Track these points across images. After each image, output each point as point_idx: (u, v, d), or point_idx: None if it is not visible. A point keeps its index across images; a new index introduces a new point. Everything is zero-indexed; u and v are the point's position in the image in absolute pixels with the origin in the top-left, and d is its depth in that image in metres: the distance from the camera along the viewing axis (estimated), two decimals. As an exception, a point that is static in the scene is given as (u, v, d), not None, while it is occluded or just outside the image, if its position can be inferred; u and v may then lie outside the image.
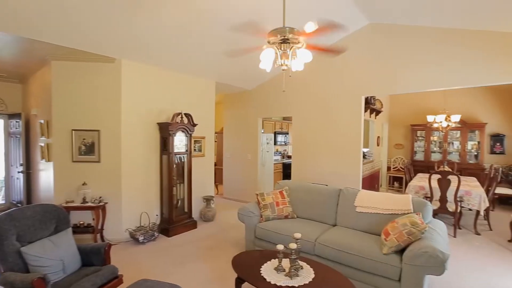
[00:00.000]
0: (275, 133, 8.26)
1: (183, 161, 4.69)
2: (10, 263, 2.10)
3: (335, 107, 5.17)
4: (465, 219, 5.19)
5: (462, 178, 5.71)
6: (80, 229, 3.79)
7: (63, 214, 2.51)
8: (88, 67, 3.92)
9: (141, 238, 3.93)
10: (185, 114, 4.60)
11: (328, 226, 3.36)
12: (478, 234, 4.53)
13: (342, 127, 5.08)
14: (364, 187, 6.26)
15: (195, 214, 5.06)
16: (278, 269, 2.31)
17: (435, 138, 7.78)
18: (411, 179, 5.93)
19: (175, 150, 4.46)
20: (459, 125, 7.11)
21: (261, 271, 2.31)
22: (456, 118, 5.87)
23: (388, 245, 2.51)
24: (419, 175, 6.18)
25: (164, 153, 4.47)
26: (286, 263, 2.31)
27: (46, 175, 4.25)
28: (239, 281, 2.46)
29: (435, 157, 7.75)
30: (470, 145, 7.32)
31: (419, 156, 8.02)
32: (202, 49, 4.22)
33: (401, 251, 2.49)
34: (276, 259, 2.38)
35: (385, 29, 4.57)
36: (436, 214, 5.09)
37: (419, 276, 2.31)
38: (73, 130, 3.91)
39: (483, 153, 7.13)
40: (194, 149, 5.14)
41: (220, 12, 3.41)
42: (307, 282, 2.14)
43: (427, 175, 4.84)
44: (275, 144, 8.33)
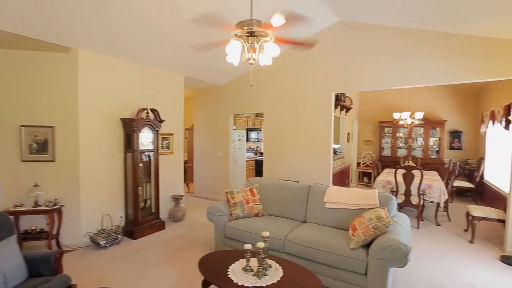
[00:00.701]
0: (248, 130, 8.18)
1: (150, 159, 4.47)
2: None
3: (306, 104, 5.18)
4: (427, 211, 5.46)
5: (425, 173, 6.00)
6: (32, 236, 3.46)
7: (6, 220, 2.25)
8: (39, 57, 3.56)
9: (103, 242, 3.68)
10: (151, 110, 4.37)
11: (298, 223, 3.34)
12: (439, 225, 4.78)
13: (313, 124, 5.12)
14: (335, 183, 6.38)
15: (164, 214, 4.85)
16: (246, 269, 2.23)
17: (401, 135, 8.14)
18: (379, 174, 6.13)
19: (141, 148, 4.23)
20: (422, 122, 7.48)
21: (229, 272, 2.22)
22: (420, 116, 6.15)
23: (355, 240, 2.53)
24: (386, 170, 6.42)
25: (129, 151, 4.22)
26: (255, 263, 2.23)
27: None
28: (206, 284, 2.36)
29: (401, 153, 8.10)
30: (432, 141, 7.74)
31: (387, 152, 8.35)
32: (168, 42, 4.02)
33: (368, 245, 2.52)
34: (245, 259, 2.30)
35: (354, 27, 4.64)
36: (401, 207, 5.32)
37: (384, 269, 2.35)
38: (22, 126, 3.54)
39: (443, 149, 7.57)
40: (162, 147, 4.92)
41: (183, 3, 3.24)
42: (275, 281, 2.09)
43: (394, 170, 5.01)
44: (248, 141, 8.26)
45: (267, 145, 5.71)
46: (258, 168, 8.02)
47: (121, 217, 4.28)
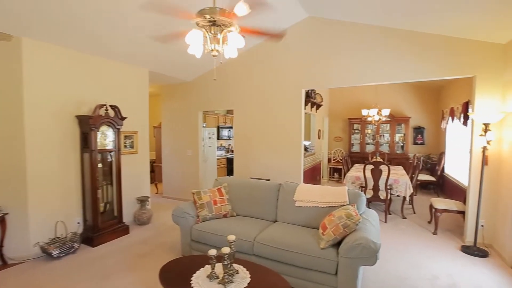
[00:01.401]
0: (219, 127, 7.98)
1: (111, 159, 4.14)
2: None
3: (277, 100, 5.10)
4: (394, 204, 5.63)
5: (391, 168, 6.20)
6: (-32, 249, 3.05)
7: None
8: (-25, 46, 3.13)
9: (56, 253, 3.33)
10: (111, 106, 4.05)
11: (268, 223, 3.24)
12: (405, 218, 4.93)
13: (284, 121, 5.05)
14: (307, 179, 6.40)
15: (128, 218, 4.55)
16: (211, 277, 2.08)
17: (369, 131, 8.37)
18: (349, 170, 6.23)
19: (100, 147, 3.90)
20: (389, 119, 7.74)
21: (192, 281, 2.06)
22: (386, 112, 6.33)
23: (325, 239, 2.47)
24: (356, 166, 6.54)
25: (86, 151, 3.87)
26: (221, 269, 2.09)
27: None
28: (168, 294, 2.17)
29: (369, 149, 8.34)
30: (398, 137, 8.04)
31: (356, 148, 8.55)
32: (126, 33, 3.72)
33: (338, 244, 2.47)
34: (210, 266, 2.15)
35: (324, 23, 4.62)
36: (370, 202, 5.44)
37: (354, 268, 2.31)
38: (-46, 125, 3.10)
39: (408, 144, 7.89)
40: (125, 146, 4.60)
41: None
42: (242, 288, 1.96)
43: (363, 166, 5.09)
44: (219, 139, 8.06)
45: (238, 143, 5.57)
46: (230, 166, 7.86)
47: (79, 223, 3.93)
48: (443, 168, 6.63)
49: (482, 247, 3.63)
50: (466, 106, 4.88)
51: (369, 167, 4.76)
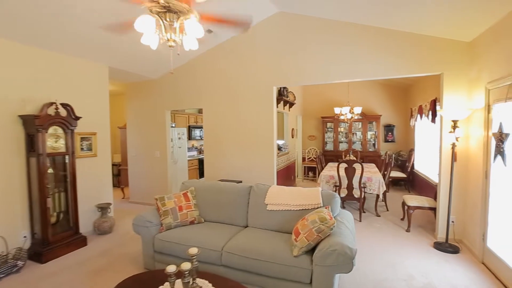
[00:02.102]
0: (190, 127, 7.63)
1: (64, 164, 3.72)
2: None
3: (248, 98, 4.89)
4: (368, 202, 5.64)
5: (364, 166, 6.22)
6: None
7: None
8: None
9: (-6, 273, 2.89)
10: (63, 105, 3.62)
11: (239, 229, 3.02)
12: (378, 216, 4.92)
13: (255, 119, 4.85)
14: (281, 179, 6.26)
15: (87, 228, 4.14)
16: (171, 297, 1.82)
17: (342, 129, 8.41)
18: (323, 169, 6.17)
19: (49, 151, 3.47)
20: (360, 117, 7.81)
21: (148, 303, 1.79)
22: (358, 110, 6.34)
23: (299, 246, 2.29)
24: (330, 164, 6.50)
25: (32, 155, 3.42)
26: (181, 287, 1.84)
27: None
28: (121, 319, 1.88)
29: (343, 147, 8.38)
30: (369, 135, 8.14)
31: (329, 147, 8.56)
32: (72, 21, 3.31)
33: (312, 250, 2.30)
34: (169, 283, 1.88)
35: (294, 19, 4.47)
36: (344, 201, 5.40)
37: (330, 276, 2.15)
38: None
39: (379, 142, 8.01)
40: (82, 148, 4.16)
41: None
42: (206, 308, 1.72)
43: (336, 164, 5.02)
44: (190, 139, 7.72)
45: (208, 143, 5.29)
46: (203, 168, 7.47)
47: (25, 237, 3.47)
48: (413, 165, 6.77)
49: (453, 243, 3.65)
50: (434, 104, 4.96)
51: (343, 166, 4.68)
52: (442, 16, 3.30)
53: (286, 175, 6.73)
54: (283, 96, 5.91)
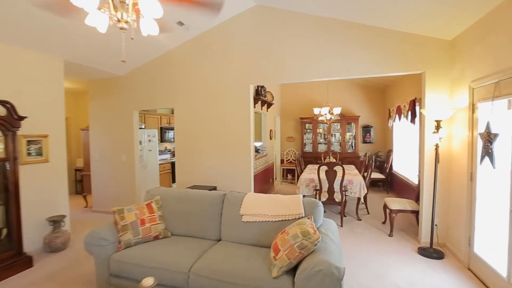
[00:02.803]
0: (162, 129, 7.13)
1: (4, 172, 3.16)
2: None
3: (222, 97, 4.54)
4: (348, 205, 5.47)
5: (345, 167, 6.07)
6: None
7: None
8: None
9: None
10: (1, 102, 3.08)
11: (211, 243, 2.65)
12: (360, 220, 4.74)
13: (231, 120, 4.50)
14: (259, 183, 5.94)
15: (35, 245, 3.59)
16: None
17: (321, 130, 8.25)
18: (302, 171, 5.93)
19: (-16, 157, 2.92)
20: (339, 118, 7.70)
21: None
22: (338, 111, 6.18)
23: (278, 265, 1.97)
24: (309, 167, 6.28)
25: (-39, 162, 2.86)
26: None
27: None
28: None
29: (322, 148, 8.23)
30: (348, 136, 8.05)
31: (308, 148, 8.37)
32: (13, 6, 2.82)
33: (294, 269, 1.99)
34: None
35: (273, 14, 4.20)
36: (325, 205, 5.18)
37: (314, 299, 1.85)
38: None
39: (358, 143, 7.93)
40: (29, 153, 3.61)
41: None
42: None
43: (316, 166, 4.79)
44: (163, 141, 7.22)
45: (180, 146, 4.87)
46: (176, 172, 7.06)
47: (-47, 261, 2.89)
48: (391, 166, 6.72)
49: (437, 247, 3.51)
50: (413, 104, 4.86)
51: (324, 169, 4.45)
52: (422, 13, 3.18)
53: (264, 179, 6.43)
54: (261, 96, 5.61)
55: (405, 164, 5.86)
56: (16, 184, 3.22)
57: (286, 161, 8.47)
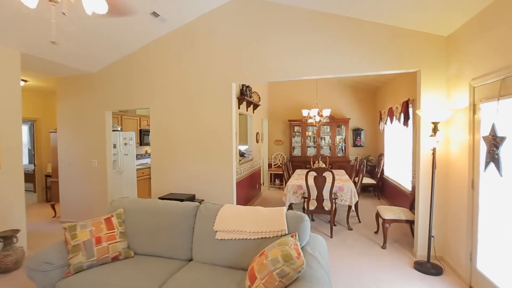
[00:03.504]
0: (141, 131, 6.68)
1: None
2: None
3: (202, 97, 4.16)
4: (339, 213, 5.13)
5: (335, 173, 5.74)
6: None
7: None
8: None
9: None
10: None
11: (180, 265, 2.26)
12: (351, 229, 4.42)
13: (211, 121, 4.12)
14: (244, 189, 5.57)
15: (-19, 265, 3.10)
16: None
17: (310, 134, 7.95)
18: (290, 177, 5.59)
19: None
20: (329, 121, 7.42)
21: None
22: (327, 113, 5.87)
23: (254, 298, 1.60)
24: (297, 172, 5.95)
25: None
26: None
27: None
28: None
29: (311, 152, 7.91)
30: (338, 139, 7.76)
31: (297, 152, 8.04)
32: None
33: (273, 301, 1.62)
34: None
35: (257, 6, 3.87)
36: (313, 214, 4.85)
37: None
38: None
39: (348, 146, 7.66)
40: (-25, 159, 3.14)
41: None
42: None
43: (305, 172, 4.45)
44: (142, 145, 6.76)
45: (156, 150, 4.45)
46: (156, 178, 6.60)
47: None
48: (383, 170, 6.46)
49: (435, 261, 3.21)
50: (406, 106, 4.60)
51: (312, 175, 4.12)
52: (416, 6, 2.92)
53: (250, 184, 6.06)
54: (246, 96, 5.25)
55: (397, 169, 5.60)
56: (-46, 195, 2.76)
57: (274, 166, 8.12)
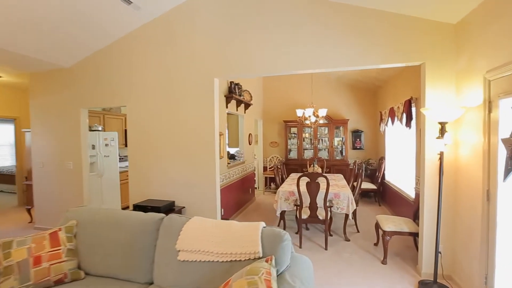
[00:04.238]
0: (126, 132, 6.28)
1: None
2: None
3: (183, 93, 3.77)
4: (336, 221, 4.76)
5: (331, 177, 5.32)
6: None
7: None
8: None
9: None
10: None
11: (136, 290, 1.87)
12: (348, 240, 4.02)
13: (192, 120, 3.74)
14: (235, 193, 5.18)
15: None
16: None
17: (307, 135, 7.54)
18: (283, 181, 5.19)
19: None
20: (326, 122, 7.03)
21: None
22: (323, 113, 5.47)
23: None
24: (292, 176, 5.55)
25: None
26: None
27: None
28: None
29: (308, 154, 7.51)
30: (337, 141, 7.35)
31: (293, 154, 7.64)
32: None
33: None
34: None
35: (242, -9, 3.49)
36: (307, 223, 4.46)
37: None
38: None
39: (347, 149, 7.25)
40: None
41: None
42: None
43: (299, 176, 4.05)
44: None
45: (133, 151, 4.06)
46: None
47: None
48: (384, 175, 6.05)
49: (442, 281, 2.80)
50: (409, 105, 4.20)
51: (304, 180, 3.72)
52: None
53: (242, 188, 5.66)
54: (234, 94, 4.86)
55: (399, 174, 5.19)
56: None
57: (269, 169, 7.72)
